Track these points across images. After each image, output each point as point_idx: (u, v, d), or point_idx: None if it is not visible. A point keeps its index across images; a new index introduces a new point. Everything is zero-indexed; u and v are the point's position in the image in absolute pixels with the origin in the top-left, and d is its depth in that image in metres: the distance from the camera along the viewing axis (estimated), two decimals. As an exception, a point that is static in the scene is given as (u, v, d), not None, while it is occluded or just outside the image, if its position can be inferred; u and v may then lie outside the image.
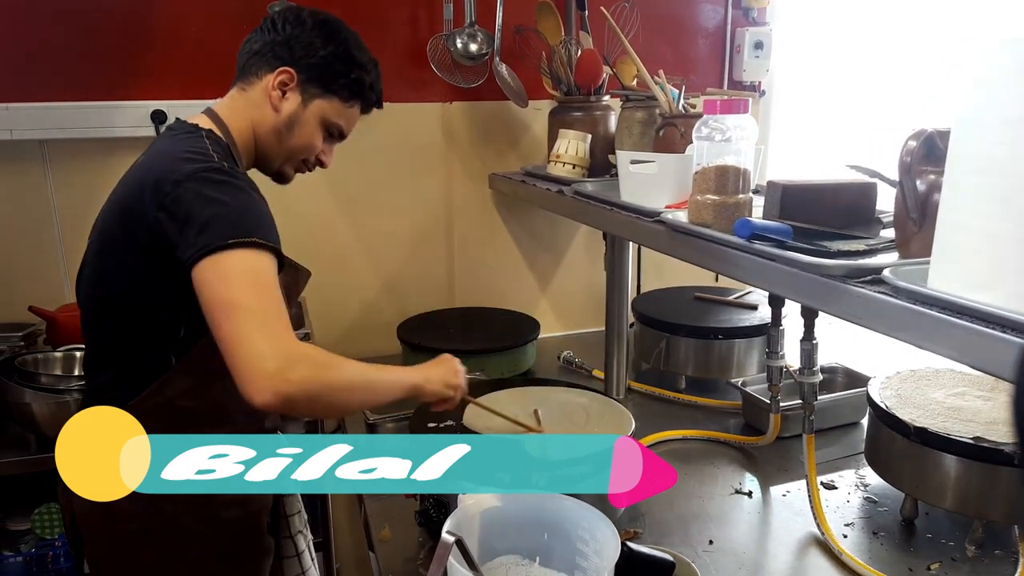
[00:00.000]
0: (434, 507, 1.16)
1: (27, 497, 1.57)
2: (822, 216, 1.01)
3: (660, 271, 2.15)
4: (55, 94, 1.67)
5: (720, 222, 0.99)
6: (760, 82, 2.18)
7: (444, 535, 0.73)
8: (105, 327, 1.10)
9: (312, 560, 1.33)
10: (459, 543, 0.72)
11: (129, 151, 1.73)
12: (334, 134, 1.23)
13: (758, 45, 2.13)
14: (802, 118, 2.16)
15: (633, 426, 1.21)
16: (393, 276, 2.06)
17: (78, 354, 1.55)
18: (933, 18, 1.73)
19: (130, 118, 1.70)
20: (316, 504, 1.70)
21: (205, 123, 1.14)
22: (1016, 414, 0.57)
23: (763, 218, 1.04)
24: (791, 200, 1.01)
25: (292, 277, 1.22)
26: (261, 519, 1.18)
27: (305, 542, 1.31)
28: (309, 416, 1.54)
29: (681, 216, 1.09)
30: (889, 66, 1.87)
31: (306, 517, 1.34)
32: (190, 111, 1.73)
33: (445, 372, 1.14)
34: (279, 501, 1.26)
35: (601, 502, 1.09)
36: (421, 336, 1.86)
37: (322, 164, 1.26)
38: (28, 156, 1.70)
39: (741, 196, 1.00)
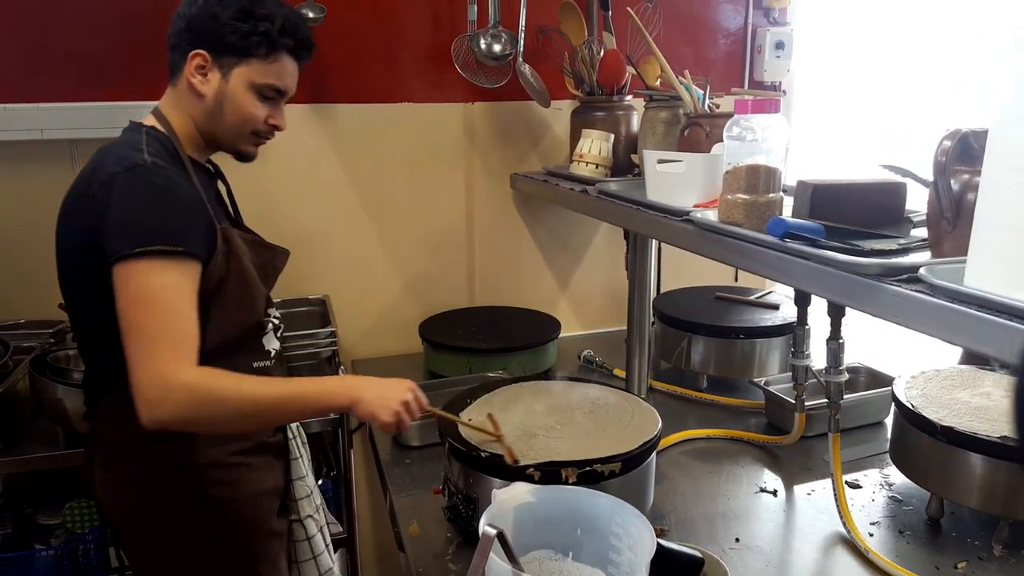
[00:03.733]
0: (463, 503, 1.17)
1: (58, 492, 1.60)
2: (852, 215, 1.01)
3: (679, 271, 2.16)
4: (84, 94, 1.69)
5: (751, 221, 1.00)
6: (781, 82, 2.18)
7: (485, 528, 0.75)
8: (85, 331, 1.15)
9: (326, 545, 1.35)
10: (500, 536, 0.73)
11: (157, 150, 1.78)
12: (271, 95, 1.17)
13: (779, 45, 2.13)
14: (823, 117, 2.15)
15: (659, 424, 1.21)
16: (414, 275, 2.07)
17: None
18: (953, 15, 1.72)
19: (158, 118, 1.72)
20: (340, 496, 1.72)
21: (149, 121, 1.17)
22: (1018, 406, 0.58)
23: (793, 217, 1.05)
24: (821, 199, 1.02)
25: (266, 257, 1.24)
26: (270, 502, 1.21)
27: (316, 526, 1.33)
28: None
29: (710, 215, 1.10)
30: (909, 63, 1.87)
31: (318, 502, 1.36)
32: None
33: (389, 392, 1.09)
34: (289, 485, 1.29)
35: (631, 502, 1.10)
36: (443, 335, 1.87)
37: (276, 128, 1.21)
38: (58, 155, 1.72)
39: (772, 195, 1.01)
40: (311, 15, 1.72)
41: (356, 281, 2.01)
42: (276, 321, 1.28)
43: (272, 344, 1.24)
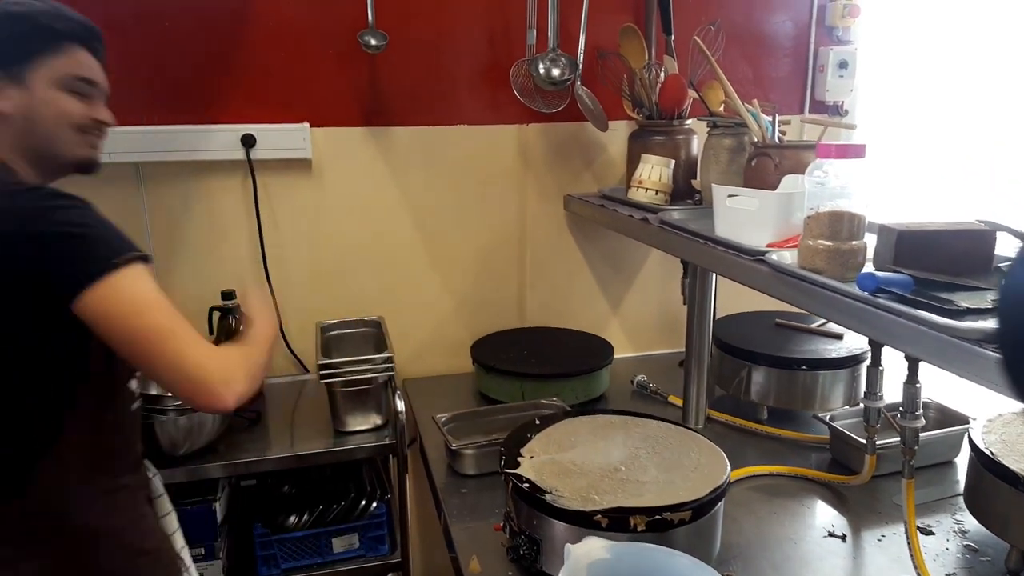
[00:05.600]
0: (525, 544, 1.16)
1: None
2: (938, 263, 0.98)
3: (737, 293, 2.11)
4: (151, 118, 1.72)
5: (833, 268, 0.97)
6: (843, 102, 2.12)
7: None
8: None
9: None
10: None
11: (219, 174, 1.81)
12: (80, 89, 1.11)
13: (842, 64, 2.08)
14: (888, 139, 2.09)
15: (728, 469, 1.18)
16: (466, 295, 2.07)
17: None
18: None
19: (221, 142, 1.75)
20: (394, 520, 1.72)
21: None
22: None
23: (874, 263, 1.01)
24: (906, 246, 0.98)
25: None
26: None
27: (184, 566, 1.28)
28: None
29: (787, 257, 1.07)
30: (979, 83, 1.81)
31: (180, 543, 1.31)
32: (278, 135, 1.80)
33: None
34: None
35: (696, 548, 1.08)
36: (495, 358, 1.86)
37: (103, 123, 1.16)
38: (124, 178, 1.76)
39: (855, 242, 0.98)
40: (373, 42, 1.72)
41: (408, 300, 2.02)
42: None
43: (134, 383, 1.20)
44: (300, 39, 1.78)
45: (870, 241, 1.01)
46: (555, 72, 1.81)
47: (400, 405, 1.63)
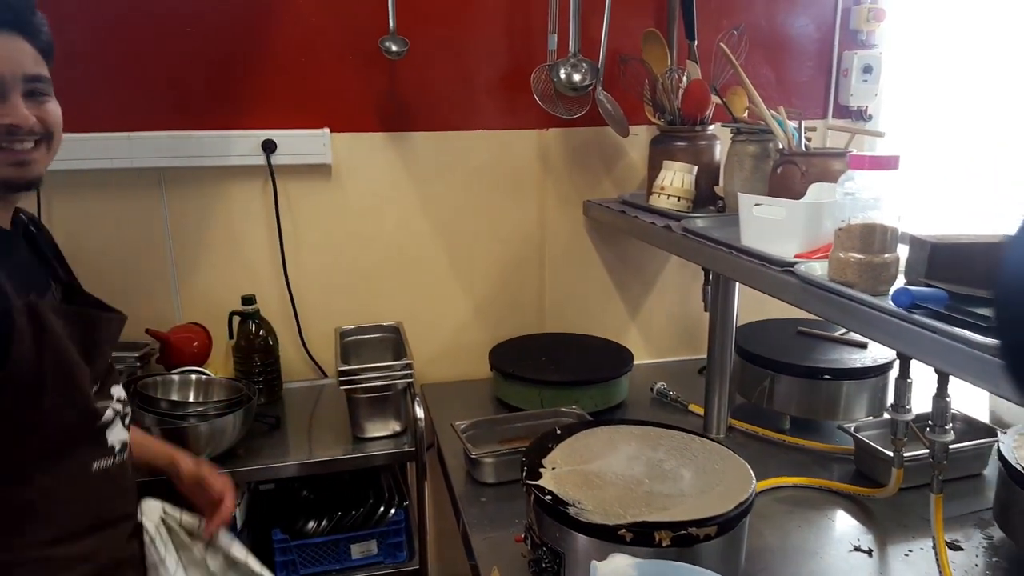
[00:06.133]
0: (547, 556, 1.14)
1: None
2: (972, 276, 0.95)
3: (759, 300, 2.09)
4: (173, 123, 1.73)
5: (865, 282, 0.95)
6: (867, 107, 2.09)
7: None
8: None
9: None
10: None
11: (240, 179, 1.81)
12: None
13: (867, 69, 2.05)
14: (910, 145, 2.06)
15: (754, 483, 1.17)
16: (484, 300, 2.06)
17: (194, 377, 1.60)
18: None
19: (242, 147, 1.75)
20: (412, 527, 1.72)
21: None
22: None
23: (906, 276, 0.99)
24: (940, 259, 0.96)
25: (90, 328, 1.01)
26: None
27: None
28: None
29: (817, 268, 1.05)
30: (982, 84, 1.78)
31: None
32: (298, 141, 1.80)
33: None
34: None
35: (722, 563, 1.06)
36: (514, 365, 1.85)
37: (14, 125, 0.92)
38: (147, 183, 1.76)
39: (888, 255, 0.96)
40: (394, 48, 1.72)
41: (426, 305, 2.01)
42: (120, 407, 1.08)
43: (117, 436, 1.06)
44: (322, 45, 1.78)
45: (902, 253, 0.99)
46: (576, 77, 1.80)
47: (419, 412, 1.62)
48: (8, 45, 0.91)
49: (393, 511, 1.69)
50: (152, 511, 1.21)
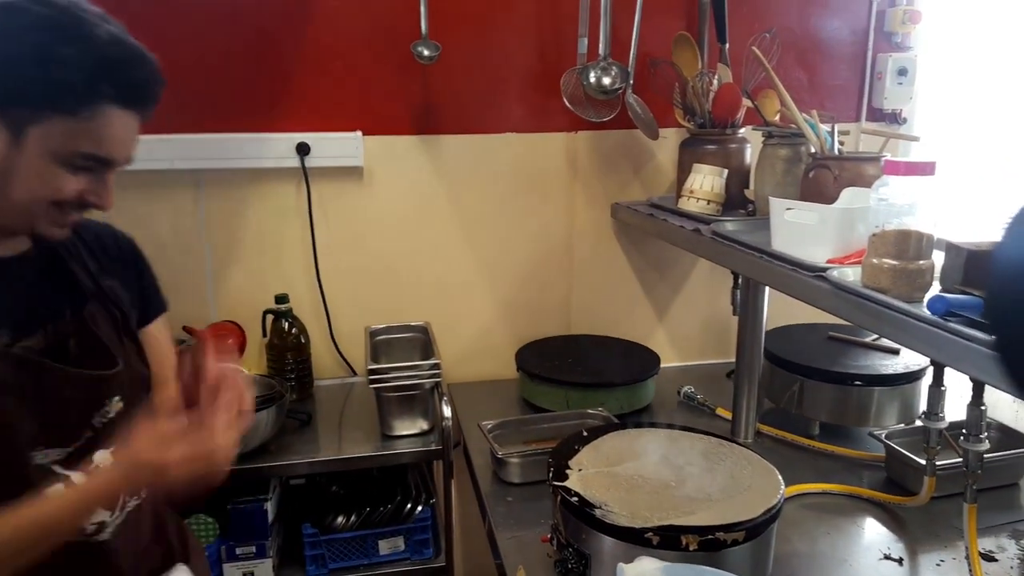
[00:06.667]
0: (573, 557, 1.15)
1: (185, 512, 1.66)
2: (1009, 283, 0.94)
3: (788, 304, 2.08)
4: (210, 126, 1.76)
5: (899, 288, 0.94)
6: (901, 110, 2.07)
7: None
8: None
9: None
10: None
11: (275, 181, 1.84)
12: (82, 166, 0.86)
13: (902, 71, 2.02)
14: (948, 149, 2.03)
15: (782, 488, 1.16)
16: (511, 301, 2.07)
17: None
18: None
19: (277, 150, 1.78)
20: (439, 525, 1.74)
21: None
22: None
23: (941, 283, 0.98)
24: (976, 266, 0.95)
25: (41, 381, 0.88)
26: None
27: None
28: None
29: (849, 274, 1.04)
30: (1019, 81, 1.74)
31: None
32: (332, 143, 1.83)
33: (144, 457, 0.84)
34: None
35: (749, 569, 1.06)
36: (540, 366, 1.86)
37: (96, 206, 0.91)
38: (184, 184, 1.80)
39: (923, 262, 0.95)
40: (426, 53, 1.73)
41: (453, 306, 2.03)
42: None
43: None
44: (355, 49, 1.81)
45: (937, 260, 0.99)
46: (606, 81, 1.80)
47: (447, 411, 1.64)
48: (130, 127, 0.89)
49: (420, 508, 1.71)
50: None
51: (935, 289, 0.96)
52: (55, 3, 0.82)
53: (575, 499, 1.14)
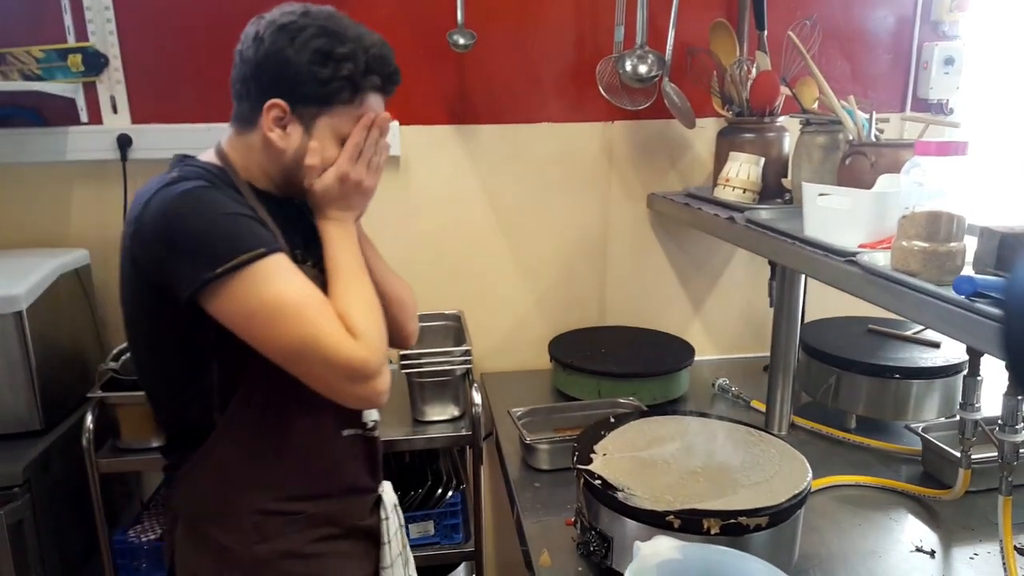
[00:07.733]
0: (596, 539, 1.16)
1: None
2: (1047, 268, 0.92)
3: (825, 297, 2.04)
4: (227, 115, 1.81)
5: (929, 271, 0.93)
6: (948, 100, 2.01)
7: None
8: (149, 389, 1.09)
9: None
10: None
11: (313, 168, 1.88)
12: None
13: (948, 61, 1.97)
14: (995, 138, 1.97)
15: (809, 475, 1.15)
16: (546, 291, 2.08)
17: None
18: None
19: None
20: (468, 511, 1.75)
21: (208, 157, 1.09)
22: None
23: (974, 267, 0.96)
24: (1010, 250, 0.93)
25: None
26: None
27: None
28: None
29: (879, 258, 1.03)
30: None
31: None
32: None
33: (338, 193, 1.06)
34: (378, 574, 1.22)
35: (772, 555, 1.05)
36: (573, 355, 1.86)
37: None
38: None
39: (954, 244, 0.93)
40: (462, 41, 1.75)
41: (489, 295, 2.05)
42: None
43: (370, 416, 1.18)
44: (391, 38, 1.80)
45: (970, 244, 0.96)
46: (642, 69, 1.80)
47: (477, 398, 1.66)
48: (382, 104, 1.12)
49: (450, 494, 1.73)
50: (389, 492, 1.25)
51: (968, 273, 0.94)
52: (318, 15, 1.04)
53: (598, 482, 1.14)
